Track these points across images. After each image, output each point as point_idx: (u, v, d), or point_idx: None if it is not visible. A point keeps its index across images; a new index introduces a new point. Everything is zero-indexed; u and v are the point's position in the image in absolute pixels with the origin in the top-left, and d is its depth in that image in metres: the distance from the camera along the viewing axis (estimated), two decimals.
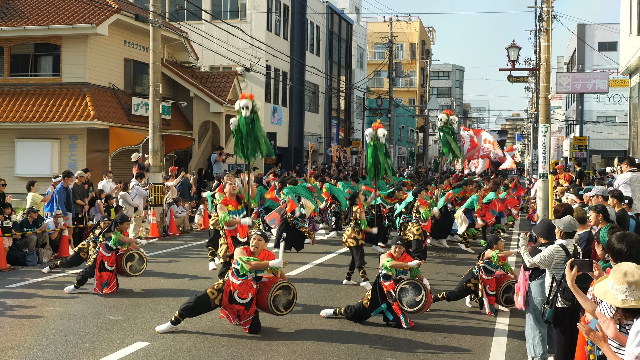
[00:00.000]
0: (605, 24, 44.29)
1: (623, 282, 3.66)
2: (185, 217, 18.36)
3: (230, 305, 7.78)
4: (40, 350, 7.10)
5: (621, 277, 3.69)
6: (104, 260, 10.05)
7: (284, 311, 7.89)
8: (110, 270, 10.07)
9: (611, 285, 3.73)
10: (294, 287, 7.97)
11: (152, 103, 17.80)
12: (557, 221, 6.34)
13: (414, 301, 8.07)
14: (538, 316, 6.64)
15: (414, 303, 8.07)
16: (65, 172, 15.06)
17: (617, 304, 3.70)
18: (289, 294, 7.88)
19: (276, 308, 7.80)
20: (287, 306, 7.90)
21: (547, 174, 16.76)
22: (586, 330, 3.79)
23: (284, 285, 7.87)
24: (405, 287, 8.15)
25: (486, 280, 9.01)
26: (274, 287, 7.77)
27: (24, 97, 22.35)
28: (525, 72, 33.35)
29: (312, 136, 38.24)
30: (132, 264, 10.20)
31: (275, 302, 7.77)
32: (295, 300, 7.95)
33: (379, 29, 56.04)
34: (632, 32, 23.84)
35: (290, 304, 7.91)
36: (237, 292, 7.71)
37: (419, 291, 8.08)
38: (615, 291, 3.69)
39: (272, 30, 32.86)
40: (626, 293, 3.65)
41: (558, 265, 6.16)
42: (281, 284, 7.85)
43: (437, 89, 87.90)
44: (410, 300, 8.08)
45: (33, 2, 23.80)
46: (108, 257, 10.08)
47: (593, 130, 45.62)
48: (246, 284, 7.72)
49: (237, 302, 7.74)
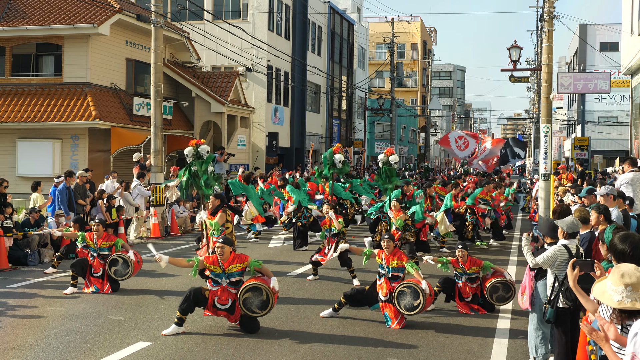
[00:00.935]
0: (606, 25, 44.27)
1: (620, 283, 3.66)
2: (186, 217, 18.35)
3: (215, 310, 7.92)
4: (41, 350, 7.10)
5: (619, 278, 3.68)
6: (92, 265, 10.24)
7: (259, 312, 7.72)
8: (98, 276, 10.18)
9: (609, 286, 3.73)
10: (265, 287, 7.67)
11: (154, 103, 17.80)
12: (560, 221, 6.33)
13: (411, 305, 8.05)
14: (543, 316, 6.63)
15: (411, 307, 8.05)
16: (67, 172, 15.05)
17: (614, 305, 3.69)
18: (261, 295, 7.68)
19: (249, 310, 7.70)
20: (262, 307, 7.69)
21: (548, 174, 16.73)
22: (589, 329, 3.78)
23: (253, 287, 7.69)
24: (404, 290, 8.11)
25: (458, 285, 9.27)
26: (241, 290, 7.69)
27: (26, 97, 22.37)
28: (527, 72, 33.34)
29: (314, 136, 38.24)
30: (116, 268, 10.17)
31: (247, 304, 7.68)
32: (271, 300, 7.68)
33: (381, 29, 56.05)
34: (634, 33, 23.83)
35: (265, 304, 7.68)
36: (217, 299, 7.84)
37: (417, 296, 8.03)
38: (613, 292, 3.69)
39: (273, 30, 32.86)
40: (623, 294, 3.64)
41: (561, 266, 6.16)
42: (249, 286, 7.70)
43: (438, 89, 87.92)
44: (408, 304, 8.07)
45: (35, 2, 23.82)
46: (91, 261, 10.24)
47: (594, 131, 45.61)
48: (222, 290, 7.80)
49: (219, 308, 7.86)
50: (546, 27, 17.22)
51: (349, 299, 8.54)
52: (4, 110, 22.01)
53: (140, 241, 16.16)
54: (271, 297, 7.70)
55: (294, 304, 9.37)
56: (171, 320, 8.38)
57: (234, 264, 7.82)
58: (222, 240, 7.89)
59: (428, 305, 8.24)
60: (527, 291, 6.85)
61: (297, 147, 36.23)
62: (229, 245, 7.91)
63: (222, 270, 7.80)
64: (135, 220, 16.59)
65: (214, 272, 7.83)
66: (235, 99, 29.15)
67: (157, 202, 17.23)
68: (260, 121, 31.79)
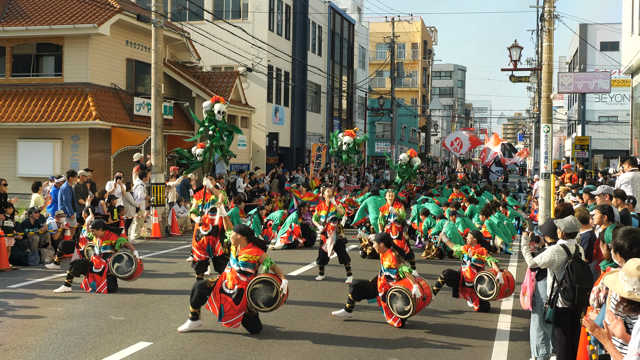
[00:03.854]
0: (607, 24, 44.23)
1: (634, 274, 3.70)
2: (187, 217, 18.36)
3: (220, 295, 7.75)
4: (42, 351, 7.11)
5: (634, 269, 3.72)
6: (93, 262, 10.28)
7: (263, 307, 7.58)
8: (97, 272, 10.19)
9: (622, 276, 3.77)
10: (278, 285, 7.54)
11: (154, 103, 17.81)
12: (559, 221, 6.33)
13: (402, 310, 8.09)
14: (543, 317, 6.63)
15: (402, 311, 8.10)
16: (69, 172, 15.05)
17: (624, 295, 3.73)
18: (271, 291, 7.56)
19: (254, 302, 7.57)
20: (268, 303, 7.56)
21: (549, 174, 16.71)
22: (591, 326, 3.79)
23: (266, 280, 7.59)
24: (395, 294, 8.12)
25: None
26: (254, 280, 7.60)
27: (26, 97, 22.37)
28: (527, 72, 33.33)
29: (314, 136, 38.24)
30: (119, 264, 10.13)
31: (254, 295, 7.56)
32: (279, 299, 7.57)
33: (381, 28, 56.01)
34: (634, 32, 23.81)
35: (272, 301, 7.56)
36: (225, 282, 7.76)
37: (407, 302, 8.02)
38: (625, 282, 3.73)
39: (274, 30, 32.86)
40: (634, 286, 3.69)
41: (559, 266, 6.16)
42: (263, 278, 7.61)
43: (439, 88, 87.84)
44: (400, 308, 8.10)
45: (35, 2, 23.82)
46: (94, 259, 10.28)
47: (595, 130, 45.58)
48: (232, 272, 7.74)
49: (225, 292, 7.73)
50: (546, 26, 17.21)
51: (353, 293, 8.49)
52: (4, 110, 22.01)
53: (141, 241, 16.17)
54: (280, 297, 7.59)
55: (294, 304, 9.37)
56: (172, 320, 8.40)
57: (247, 253, 7.72)
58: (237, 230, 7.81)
59: (420, 308, 8.19)
60: (528, 292, 6.85)
61: (297, 147, 36.23)
62: (245, 235, 7.80)
63: (236, 256, 7.78)
64: (136, 220, 16.59)
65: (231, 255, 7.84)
66: (236, 99, 29.16)
67: (157, 202, 17.24)
68: (260, 121, 31.79)
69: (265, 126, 31.99)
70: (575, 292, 5.94)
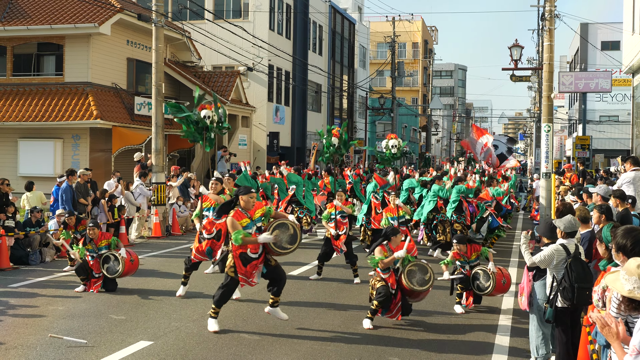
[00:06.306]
0: (608, 23, 44.24)
1: (635, 273, 3.71)
2: (187, 217, 18.35)
3: (245, 268, 7.73)
4: (43, 350, 7.12)
5: (634, 268, 3.73)
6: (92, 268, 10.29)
7: (290, 247, 7.65)
8: (97, 276, 10.23)
9: (622, 275, 3.78)
10: (289, 221, 7.74)
11: (155, 102, 17.81)
12: (558, 221, 6.33)
13: (423, 280, 8.17)
14: (542, 317, 6.63)
15: (423, 282, 8.16)
16: (68, 171, 15.04)
17: (624, 293, 3.74)
18: (288, 229, 7.65)
19: (280, 247, 7.62)
20: (291, 241, 7.65)
21: (549, 173, 16.72)
22: (602, 323, 3.77)
23: (279, 224, 7.67)
24: (412, 269, 8.24)
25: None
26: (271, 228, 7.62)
27: (27, 97, 22.39)
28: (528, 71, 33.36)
29: (315, 135, 38.24)
30: (108, 265, 10.19)
31: (277, 243, 7.60)
32: (298, 232, 7.67)
33: (382, 28, 56.01)
34: (635, 31, 23.81)
35: (294, 238, 7.63)
36: (250, 250, 7.69)
37: (425, 270, 8.22)
38: (625, 280, 3.74)
39: (274, 30, 32.87)
40: (635, 284, 3.70)
41: (559, 265, 6.16)
42: (274, 223, 7.67)
43: (439, 88, 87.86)
44: (420, 280, 8.17)
45: (36, 2, 23.84)
46: (92, 263, 10.27)
47: (596, 130, 45.56)
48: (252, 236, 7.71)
49: (251, 258, 7.70)
50: (547, 26, 17.22)
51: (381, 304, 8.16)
52: (5, 110, 22.03)
53: (141, 241, 16.19)
54: (298, 230, 7.70)
55: (295, 304, 9.37)
56: (172, 319, 8.42)
57: (257, 210, 7.82)
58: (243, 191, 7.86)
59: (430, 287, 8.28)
60: (526, 292, 6.85)
61: (298, 146, 36.24)
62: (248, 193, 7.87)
63: (251, 219, 7.77)
64: (136, 219, 16.60)
65: (246, 226, 7.74)
66: (237, 98, 29.17)
67: (158, 201, 17.25)
68: (261, 120, 31.81)
69: (265, 126, 32.00)
70: (575, 291, 5.94)
